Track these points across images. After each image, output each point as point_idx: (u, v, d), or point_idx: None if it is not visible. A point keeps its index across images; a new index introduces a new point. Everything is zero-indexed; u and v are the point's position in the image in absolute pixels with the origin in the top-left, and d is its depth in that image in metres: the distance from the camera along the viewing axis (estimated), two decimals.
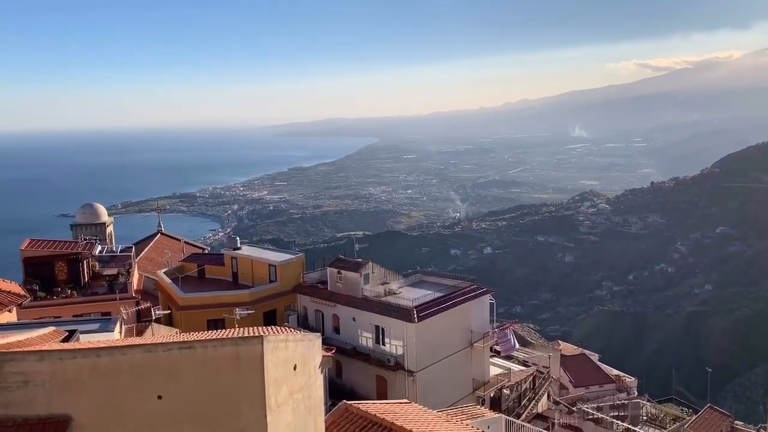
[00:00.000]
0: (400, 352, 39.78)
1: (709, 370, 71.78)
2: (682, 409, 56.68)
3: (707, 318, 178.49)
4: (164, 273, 49.53)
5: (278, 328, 16.89)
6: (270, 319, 44.32)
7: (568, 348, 64.19)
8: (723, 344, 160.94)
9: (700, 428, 41.78)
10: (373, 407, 20.04)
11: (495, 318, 47.59)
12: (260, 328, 16.25)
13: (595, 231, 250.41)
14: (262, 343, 12.70)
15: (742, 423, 47.21)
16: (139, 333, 35.08)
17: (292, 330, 16.91)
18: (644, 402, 55.50)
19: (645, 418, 52.47)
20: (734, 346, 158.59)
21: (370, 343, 41.52)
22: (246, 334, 13.59)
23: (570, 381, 57.64)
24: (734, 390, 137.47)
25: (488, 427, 24.10)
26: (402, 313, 39.46)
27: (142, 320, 39.69)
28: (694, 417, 45.62)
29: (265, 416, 12.82)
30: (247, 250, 51.79)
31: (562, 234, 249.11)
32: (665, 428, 48.57)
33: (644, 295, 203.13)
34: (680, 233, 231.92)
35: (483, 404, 40.19)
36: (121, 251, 49.75)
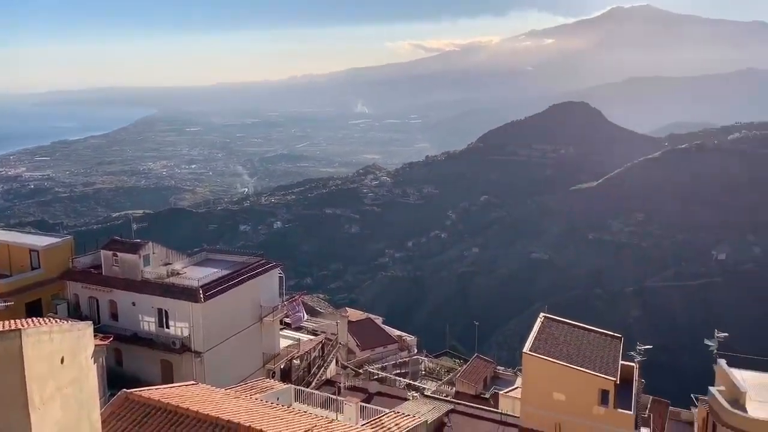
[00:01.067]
0: (186, 333, 38.47)
1: (477, 323, 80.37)
2: (455, 361, 62.76)
3: (475, 277, 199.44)
4: None
5: (42, 319, 15.40)
6: (34, 310, 39.93)
7: (355, 314, 67.21)
8: (488, 300, 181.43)
9: (468, 376, 46.79)
10: (157, 392, 19.26)
11: (285, 291, 48.13)
12: (20, 320, 14.67)
13: (378, 202, 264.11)
14: (21, 337, 11.54)
15: (502, 368, 53.82)
16: None
17: (59, 320, 15.55)
18: (423, 358, 60.54)
19: (424, 372, 57.35)
20: (497, 300, 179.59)
21: (153, 328, 39.52)
22: (1, 329, 12.22)
23: (357, 345, 60.57)
24: (497, 339, 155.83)
25: (278, 399, 24.53)
26: (187, 294, 38.12)
27: None
28: (464, 366, 50.94)
29: (28, 415, 11.73)
30: (2, 235, 46.00)
31: (348, 206, 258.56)
32: (441, 379, 53.55)
33: (422, 260, 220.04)
34: (451, 202, 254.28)
35: (273, 377, 40.69)
36: None
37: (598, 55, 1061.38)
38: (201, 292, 37.89)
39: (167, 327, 39.09)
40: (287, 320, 48.53)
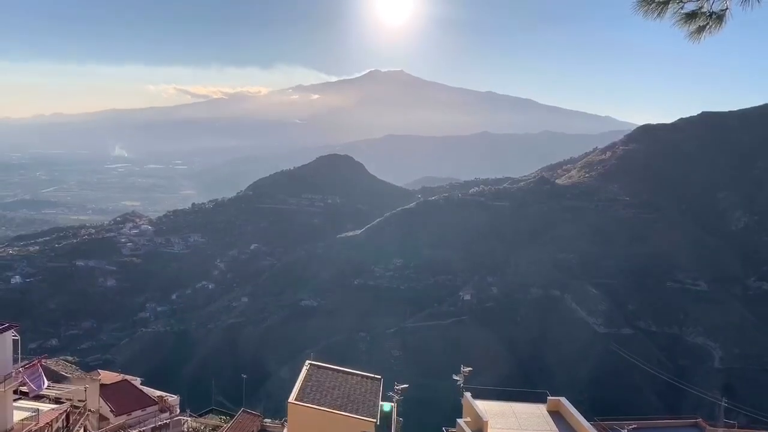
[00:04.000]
0: None
1: (244, 376, 78.44)
2: (220, 418, 60.29)
3: (244, 328, 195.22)
4: None
5: None
6: None
7: (109, 376, 61.24)
8: (258, 351, 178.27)
9: None
10: None
11: (21, 356, 42.31)
12: None
13: (139, 252, 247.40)
14: None
15: (270, 420, 53.02)
16: None
17: None
18: (186, 418, 57.11)
19: None
20: (267, 351, 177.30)
21: None
22: None
23: (111, 410, 55.11)
24: (267, 390, 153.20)
25: None
26: None
27: None
28: (229, 423, 49.18)
29: None
30: None
31: (103, 257, 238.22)
32: None
33: (187, 313, 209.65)
34: (219, 251, 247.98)
35: None
36: None
37: (359, 112, 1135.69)
38: None
39: None
40: (24, 389, 42.57)
